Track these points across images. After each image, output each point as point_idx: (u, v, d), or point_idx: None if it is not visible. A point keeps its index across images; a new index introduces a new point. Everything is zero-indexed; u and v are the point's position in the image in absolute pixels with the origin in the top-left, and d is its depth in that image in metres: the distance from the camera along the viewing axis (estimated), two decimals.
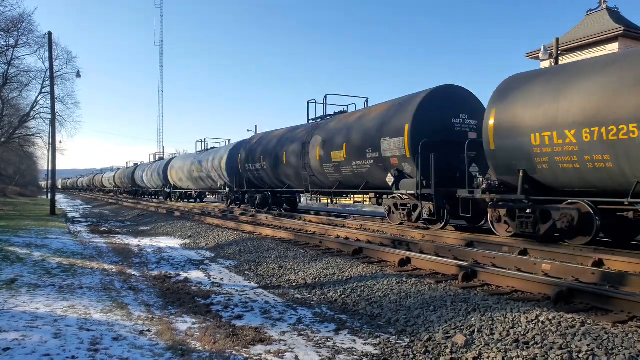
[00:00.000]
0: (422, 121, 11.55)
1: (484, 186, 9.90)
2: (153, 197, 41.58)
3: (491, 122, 9.50)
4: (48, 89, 29.24)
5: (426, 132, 11.41)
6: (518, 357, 3.73)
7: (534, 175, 9.03)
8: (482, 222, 11.52)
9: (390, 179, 12.33)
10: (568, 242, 8.88)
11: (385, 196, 13.29)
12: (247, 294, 6.41)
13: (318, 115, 17.20)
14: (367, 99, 16.52)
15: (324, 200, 22.56)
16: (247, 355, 4.06)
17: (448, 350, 4.08)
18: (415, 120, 11.56)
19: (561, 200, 8.90)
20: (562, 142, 8.22)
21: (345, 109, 16.41)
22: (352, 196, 16.96)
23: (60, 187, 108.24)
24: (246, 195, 22.85)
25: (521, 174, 9.13)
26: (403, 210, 12.39)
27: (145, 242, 12.40)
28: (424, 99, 11.81)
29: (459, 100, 12.15)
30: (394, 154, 12.17)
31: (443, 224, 11.52)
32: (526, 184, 9.18)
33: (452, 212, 11.32)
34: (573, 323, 4.18)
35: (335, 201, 22.90)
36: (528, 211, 9.24)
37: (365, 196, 15.47)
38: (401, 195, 12.36)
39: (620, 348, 3.66)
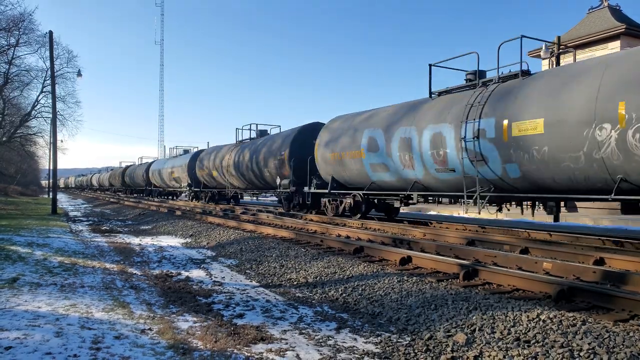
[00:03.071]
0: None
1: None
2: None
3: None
4: (49, 88, 29.28)
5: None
6: (519, 355, 3.74)
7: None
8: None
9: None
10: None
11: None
12: (248, 293, 6.42)
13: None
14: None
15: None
16: (249, 354, 4.07)
17: (449, 349, 4.09)
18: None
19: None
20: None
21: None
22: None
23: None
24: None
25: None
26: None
27: (147, 241, 12.42)
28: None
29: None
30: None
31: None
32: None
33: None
34: (574, 322, 4.18)
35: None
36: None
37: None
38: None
39: (621, 346, 3.66)
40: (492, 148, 9.68)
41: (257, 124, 24.03)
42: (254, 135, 23.98)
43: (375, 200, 14.67)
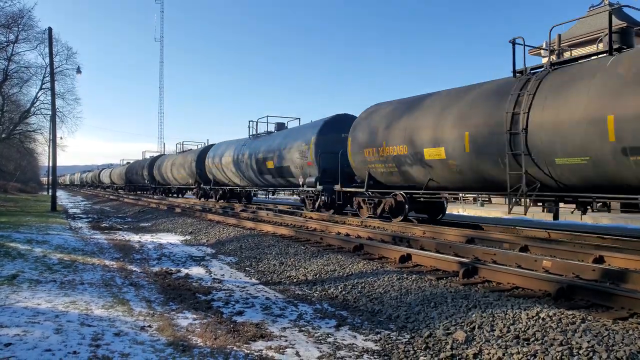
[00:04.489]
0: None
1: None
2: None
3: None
4: (48, 84, 29.23)
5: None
6: (518, 353, 3.74)
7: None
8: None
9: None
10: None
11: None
12: (247, 290, 6.42)
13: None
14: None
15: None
16: (248, 351, 4.07)
17: (448, 347, 4.09)
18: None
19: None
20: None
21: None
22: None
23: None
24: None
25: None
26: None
27: (146, 238, 12.42)
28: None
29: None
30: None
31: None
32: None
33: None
34: (573, 319, 4.18)
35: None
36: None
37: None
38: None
39: (620, 344, 3.66)
40: None
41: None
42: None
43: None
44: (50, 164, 28.53)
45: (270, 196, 33.43)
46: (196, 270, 7.86)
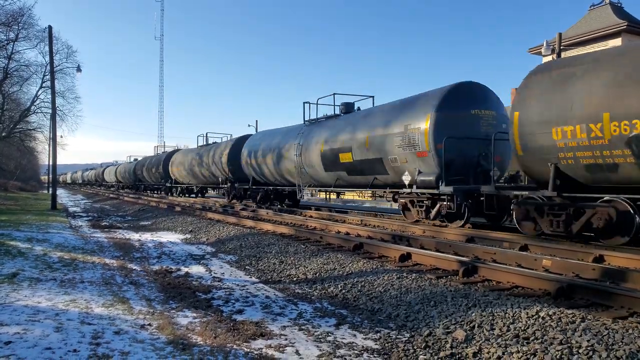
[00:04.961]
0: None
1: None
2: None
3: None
4: (48, 83, 29.17)
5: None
6: (518, 352, 3.74)
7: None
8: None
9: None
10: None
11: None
12: (247, 289, 6.43)
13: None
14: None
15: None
16: (248, 350, 4.08)
17: (448, 345, 4.09)
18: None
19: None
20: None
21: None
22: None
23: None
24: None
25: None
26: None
27: (146, 236, 12.42)
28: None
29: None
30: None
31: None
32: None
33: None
34: (573, 319, 4.19)
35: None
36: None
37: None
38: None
39: (620, 343, 3.67)
40: None
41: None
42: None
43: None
44: (51, 163, 28.54)
45: (333, 198, 25.39)
46: (196, 269, 7.86)
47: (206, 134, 29.33)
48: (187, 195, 33.00)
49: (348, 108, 16.55)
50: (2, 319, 4.62)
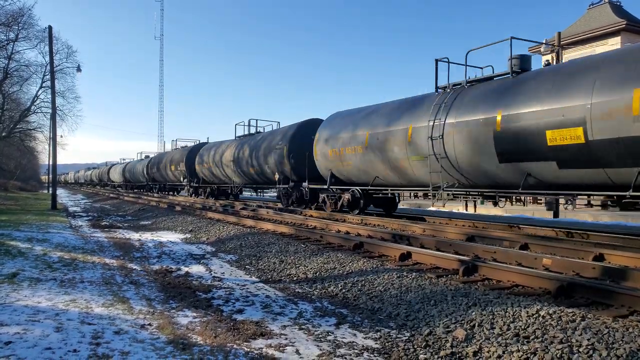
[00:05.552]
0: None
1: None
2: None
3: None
4: (48, 83, 29.20)
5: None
6: (518, 351, 3.74)
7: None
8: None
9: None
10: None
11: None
12: (247, 288, 6.43)
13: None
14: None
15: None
16: (248, 349, 4.07)
17: (448, 345, 4.09)
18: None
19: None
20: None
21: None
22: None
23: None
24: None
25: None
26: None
27: (147, 236, 12.42)
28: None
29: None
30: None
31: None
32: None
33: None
34: (573, 317, 4.19)
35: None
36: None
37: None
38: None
39: (620, 342, 3.66)
40: None
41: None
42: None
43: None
44: (51, 162, 28.53)
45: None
46: (196, 269, 7.86)
47: (249, 120, 23.99)
48: (223, 198, 27.31)
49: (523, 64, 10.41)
50: (2, 319, 4.62)
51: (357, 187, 14.64)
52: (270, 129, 21.86)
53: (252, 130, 23.74)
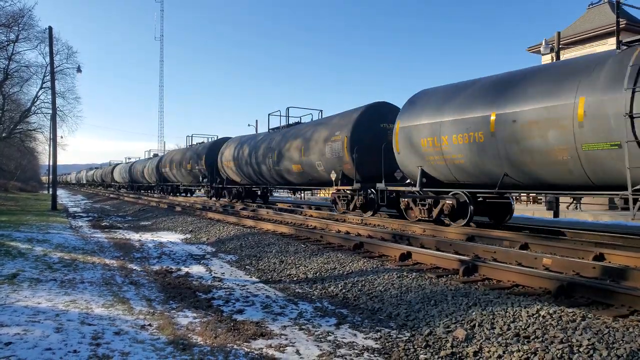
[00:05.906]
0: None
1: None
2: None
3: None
4: (49, 83, 29.19)
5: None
6: (519, 351, 3.74)
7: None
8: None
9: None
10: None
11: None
12: (248, 289, 6.42)
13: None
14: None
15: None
16: (248, 350, 4.07)
17: (449, 345, 4.09)
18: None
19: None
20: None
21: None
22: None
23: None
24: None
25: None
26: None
27: (147, 237, 12.42)
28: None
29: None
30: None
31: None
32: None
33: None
34: (574, 317, 4.18)
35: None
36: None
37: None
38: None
39: (621, 342, 3.66)
40: None
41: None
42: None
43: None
44: (51, 163, 28.53)
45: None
46: (196, 269, 7.85)
47: (287, 109, 20.17)
48: (250, 201, 24.01)
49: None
50: (2, 320, 4.62)
51: (465, 190, 11.02)
52: (309, 119, 18.54)
53: (284, 122, 20.23)
